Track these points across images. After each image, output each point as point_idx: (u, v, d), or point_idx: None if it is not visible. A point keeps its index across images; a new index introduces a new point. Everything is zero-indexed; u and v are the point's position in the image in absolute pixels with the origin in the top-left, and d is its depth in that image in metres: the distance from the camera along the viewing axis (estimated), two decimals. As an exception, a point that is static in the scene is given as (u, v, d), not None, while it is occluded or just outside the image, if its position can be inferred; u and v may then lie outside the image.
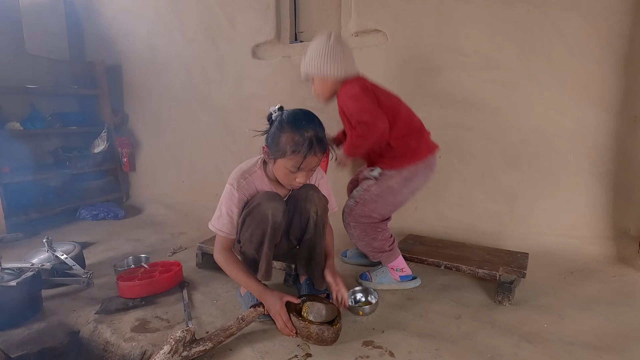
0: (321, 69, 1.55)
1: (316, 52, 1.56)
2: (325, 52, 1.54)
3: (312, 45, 1.58)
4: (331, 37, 1.56)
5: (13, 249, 2.09)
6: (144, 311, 1.40)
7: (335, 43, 1.55)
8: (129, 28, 2.91)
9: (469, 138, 2.00)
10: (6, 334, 1.26)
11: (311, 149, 1.14)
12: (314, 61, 1.56)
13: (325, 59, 1.54)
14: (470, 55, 1.93)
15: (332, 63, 1.55)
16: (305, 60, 1.60)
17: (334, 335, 1.16)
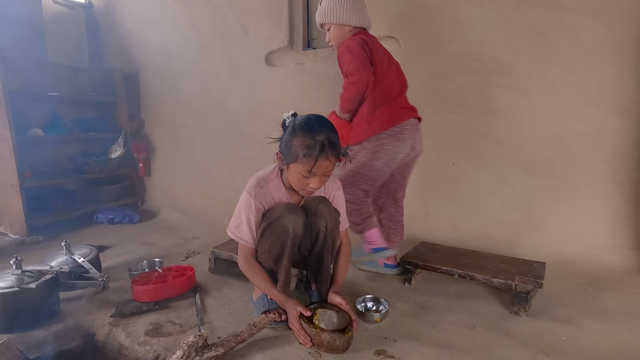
0: (340, 16, 1.58)
1: (335, 0, 1.58)
2: (345, 1, 1.57)
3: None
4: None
5: (33, 251, 2.15)
6: (158, 315, 1.42)
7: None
8: (147, 37, 2.99)
9: (482, 144, 1.97)
10: (25, 335, 1.29)
11: (322, 152, 1.14)
12: (333, 8, 1.59)
13: (345, 6, 1.58)
14: (484, 61, 1.91)
15: (352, 11, 1.58)
16: (323, 7, 1.63)
17: (345, 343, 1.15)
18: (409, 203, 2.19)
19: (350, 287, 1.65)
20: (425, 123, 2.09)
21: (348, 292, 1.58)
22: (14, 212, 2.34)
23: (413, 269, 1.64)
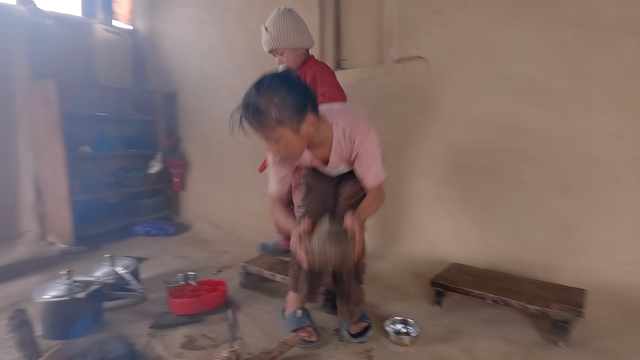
0: (296, 40, 1.70)
1: (285, 25, 1.67)
2: (294, 25, 1.68)
3: (276, 20, 1.73)
4: (290, 11, 1.74)
5: (78, 261, 2.30)
6: (192, 328, 1.47)
7: (297, 16, 1.70)
8: (185, 59, 3.17)
9: (516, 164, 1.93)
10: (72, 342, 1.38)
11: (239, 122, 1.08)
12: (288, 33, 1.68)
13: (298, 30, 1.67)
14: (516, 80, 1.89)
15: (304, 33, 1.70)
16: (275, 33, 1.72)
17: (339, 256, 1.08)
18: (439, 222, 2.18)
19: (378, 307, 1.64)
20: (454, 143, 2.09)
21: (376, 313, 1.58)
22: (63, 224, 2.52)
23: (444, 292, 1.61)
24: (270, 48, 1.80)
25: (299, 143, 1.15)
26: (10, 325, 1.22)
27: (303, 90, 1.11)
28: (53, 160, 2.50)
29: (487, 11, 1.92)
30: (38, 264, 2.24)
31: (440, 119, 2.12)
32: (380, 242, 2.32)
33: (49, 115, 2.44)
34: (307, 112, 1.11)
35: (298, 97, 1.08)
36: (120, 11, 3.41)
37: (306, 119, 1.11)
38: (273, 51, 1.82)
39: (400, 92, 2.23)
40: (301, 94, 1.09)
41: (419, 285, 1.84)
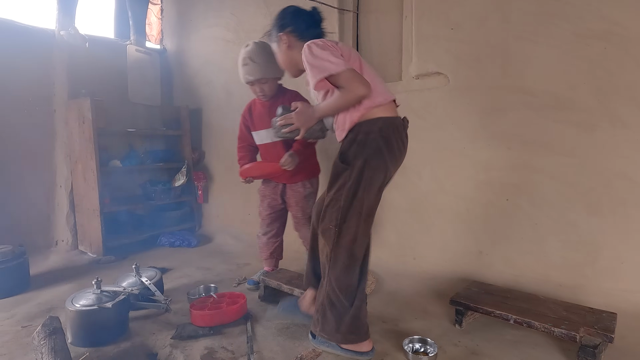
0: (275, 70, 1.83)
1: (270, 56, 1.72)
2: (274, 56, 1.70)
3: (261, 51, 1.86)
4: (265, 43, 1.83)
5: (107, 270, 2.40)
6: (212, 340, 1.51)
7: (270, 47, 1.71)
8: (211, 76, 3.30)
9: (540, 181, 1.88)
10: (100, 350, 1.45)
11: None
12: (273, 64, 1.72)
13: (274, 61, 1.69)
14: (539, 96, 1.86)
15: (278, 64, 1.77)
16: (262, 64, 1.86)
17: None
18: (460, 238, 2.14)
19: (397, 324, 1.62)
20: (475, 158, 2.07)
21: (394, 331, 1.56)
22: (94, 234, 2.64)
23: (464, 311, 1.58)
24: (257, 78, 1.90)
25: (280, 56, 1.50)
26: (44, 332, 1.29)
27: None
28: (86, 174, 2.64)
29: (508, 27, 1.92)
30: (70, 273, 2.36)
31: (460, 134, 2.11)
32: (400, 258, 2.30)
33: (84, 131, 2.60)
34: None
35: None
36: (151, 32, 3.61)
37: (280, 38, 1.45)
38: (257, 81, 1.91)
39: (420, 107, 2.23)
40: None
41: (439, 303, 1.81)
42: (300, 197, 2.08)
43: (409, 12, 2.27)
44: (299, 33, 1.44)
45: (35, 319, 1.71)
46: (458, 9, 2.06)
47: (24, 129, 2.64)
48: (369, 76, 1.31)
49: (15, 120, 2.59)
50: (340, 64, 1.23)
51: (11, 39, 2.56)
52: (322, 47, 1.27)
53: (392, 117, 1.33)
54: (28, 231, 2.64)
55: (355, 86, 1.23)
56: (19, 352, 1.44)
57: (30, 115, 2.67)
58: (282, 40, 1.45)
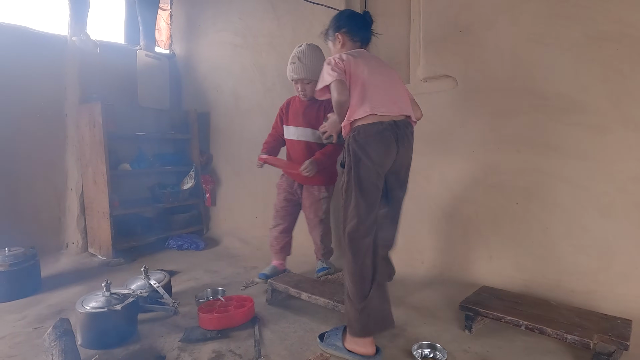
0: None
1: (318, 60, 1.95)
2: (319, 59, 1.95)
3: (310, 53, 2.02)
4: (316, 46, 2.05)
5: (116, 272, 2.42)
6: (220, 344, 1.51)
7: (319, 51, 2.02)
8: (219, 81, 3.33)
9: (550, 184, 1.86)
10: (109, 352, 1.46)
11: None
12: (314, 67, 1.96)
13: (321, 65, 1.74)
14: (550, 98, 1.84)
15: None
16: (309, 65, 2.01)
17: None
18: (469, 243, 2.12)
19: (405, 329, 1.61)
20: (485, 162, 2.05)
21: (403, 336, 1.55)
22: (103, 237, 2.67)
23: (474, 316, 1.56)
24: (301, 77, 2.03)
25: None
26: (54, 334, 1.30)
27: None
28: (96, 177, 2.68)
29: (517, 30, 1.90)
30: (80, 275, 2.38)
31: (469, 137, 2.09)
32: (408, 262, 2.28)
33: (95, 135, 2.64)
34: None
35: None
36: (160, 38, 3.66)
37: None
38: (301, 80, 2.06)
39: (428, 110, 2.20)
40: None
41: (448, 308, 1.79)
42: (315, 200, 2.19)
43: (417, 15, 2.27)
44: (352, 34, 1.68)
45: (46, 321, 1.73)
46: (466, 12, 2.05)
47: (37, 132, 2.68)
48: (364, 90, 1.47)
49: (27, 124, 2.64)
50: (333, 76, 1.44)
51: (25, 45, 2.62)
52: (327, 63, 1.51)
53: (370, 124, 1.45)
54: (39, 233, 2.67)
55: (336, 93, 1.45)
56: (30, 354, 1.45)
57: (42, 120, 2.71)
58: (337, 39, 1.69)
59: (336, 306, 1.65)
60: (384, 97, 1.51)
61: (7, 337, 1.59)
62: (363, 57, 1.57)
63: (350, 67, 1.51)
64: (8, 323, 1.72)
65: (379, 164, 1.45)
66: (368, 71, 1.51)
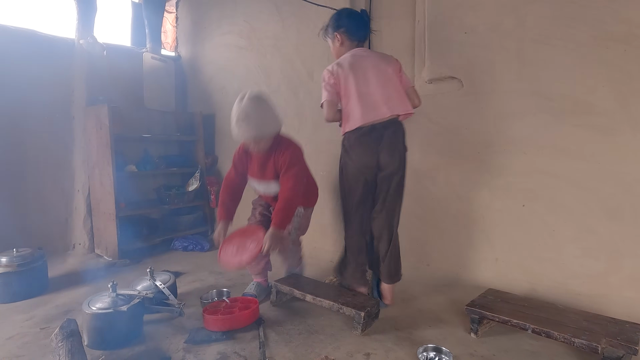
0: (272, 127, 1.74)
1: (262, 113, 1.69)
2: (273, 111, 1.74)
3: (257, 109, 1.68)
4: (259, 96, 1.74)
5: (122, 273, 2.43)
6: (225, 345, 1.51)
7: (269, 100, 1.77)
8: (224, 83, 3.35)
9: (557, 186, 1.84)
10: (115, 353, 1.47)
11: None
12: (264, 123, 1.69)
13: (275, 117, 1.74)
14: (556, 100, 1.82)
15: (278, 117, 1.78)
16: (251, 126, 1.67)
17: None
18: (475, 245, 2.11)
19: (411, 332, 1.60)
20: (491, 163, 2.04)
21: (408, 339, 1.54)
22: (109, 238, 2.69)
23: (480, 319, 1.55)
24: (253, 136, 1.70)
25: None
26: (61, 334, 1.31)
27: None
28: (103, 179, 2.70)
29: (523, 31, 1.89)
30: (87, 276, 2.40)
31: (474, 139, 2.08)
32: (413, 265, 2.27)
33: (101, 137, 2.66)
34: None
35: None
36: (166, 40, 3.69)
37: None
38: (252, 138, 1.72)
39: (433, 112, 2.22)
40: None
41: (454, 311, 1.78)
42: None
43: (422, 17, 2.27)
44: (350, 34, 1.78)
45: (53, 321, 1.75)
46: (472, 14, 2.04)
47: (44, 135, 2.72)
48: (353, 102, 1.71)
49: (35, 126, 2.67)
50: (324, 97, 1.75)
51: (33, 48, 2.65)
52: (322, 79, 1.76)
53: (355, 129, 1.70)
54: (47, 234, 2.70)
55: (325, 113, 1.79)
56: (38, 354, 1.47)
57: (50, 122, 2.74)
58: (336, 38, 1.78)
59: (341, 308, 1.65)
60: (373, 103, 1.69)
61: (16, 337, 1.61)
62: (355, 66, 1.70)
63: (340, 80, 1.71)
64: (16, 323, 1.74)
65: (362, 164, 1.71)
66: (357, 83, 1.69)
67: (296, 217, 1.95)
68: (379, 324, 1.67)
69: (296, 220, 1.97)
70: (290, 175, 1.76)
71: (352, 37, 1.79)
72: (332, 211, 2.70)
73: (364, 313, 1.57)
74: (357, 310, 1.59)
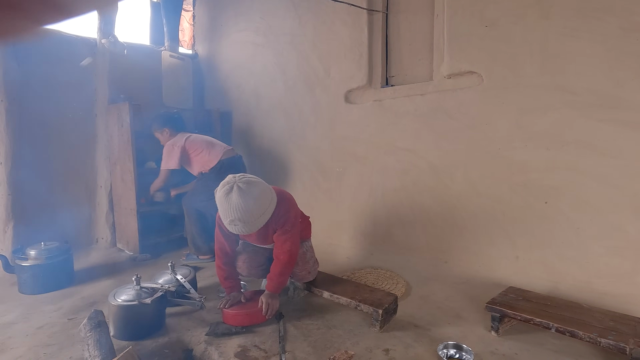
0: (271, 208, 1.58)
1: (260, 203, 1.52)
2: (263, 194, 1.55)
3: (248, 205, 1.48)
4: (248, 187, 1.50)
5: (143, 267, 2.50)
6: (245, 338, 1.53)
7: (255, 184, 1.54)
8: (240, 80, 3.38)
9: (582, 183, 1.79)
10: (140, 343, 1.51)
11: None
12: (264, 210, 1.54)
13: (268, 203, 1.56)
14: (581, 94, 1.77)
15: (270, 201, 1.58)
16: (251, 221, 1.51)
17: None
18: (495, 242, 2.08)
19: (430, 329, 1.59)
20: (511, 160, 2.00)
21: (427, 335, 1.53)
22: (131, 233, 2.76)
23: (501, 317, 1.53)
24: (252, 232, 1.60)
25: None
26: (89, 325, 1.36)
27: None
28: (124, 175, 2.76)
29: (547, 23, 1.84)
30: (109, 269, 2.48)
31: (495, 135, 2.05)
32: (430, 262, 2.26)
33: (123, 134, 2.72)
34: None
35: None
36: (184, 38, 3.74)
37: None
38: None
39: (452, 107, 2.19)
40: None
41: (473, 308, 1.76)
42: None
43: (441, 11, 2.23)
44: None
45: (80, 312, 1.81)
46: (493, 6, 2.00)
47: (69, 133, 2.80)
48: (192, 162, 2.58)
49: (61, 124, 2.75)
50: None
51: (58, 48, 2.73)
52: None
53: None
54: (72, 229, 2.79)
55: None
56: (66, 343, 1.52)
57: (74, 120, 2.82)
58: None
59: (358, 305, 1.65)
60: (207, 160, 2.60)
61: (45, 327, 1.67)
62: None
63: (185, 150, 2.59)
64: (45, 313, 1.81)
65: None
66: (195, 148, 2.60)
67: (307, 250, 1.90)
68: (397, 320, 1.67)
69: (308, 253, 1.91)
70: (286, 238, 1.68)
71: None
72: (349, 208, 2.70)
73: (381, 310, 1.57)
74: (375, 308, 1.59)
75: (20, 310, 1.84)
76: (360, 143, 2.62)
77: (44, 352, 1.46)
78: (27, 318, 1.76)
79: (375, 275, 2.20)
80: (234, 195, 1.48)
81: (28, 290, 2.05)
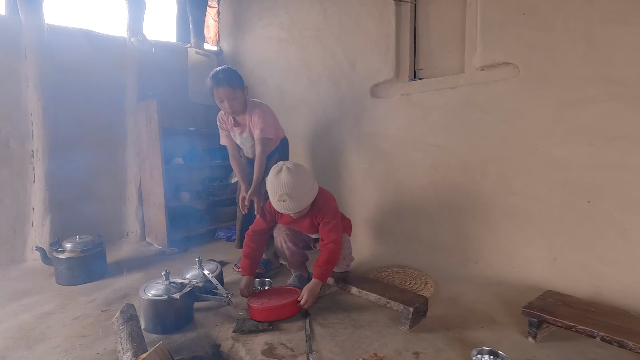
0: (315, 192, 1.79)
1: (306, 185, 1.73)
2: (310, 180, 1.76)
3: (296, 184, 1.68)
4: (298, 166, 1.75)
5: (171, 261, 2.55)
6: (272, 336, 1.53)
7: (300, 167, 1.75)
8: (265, 76, 3.37)
9: (631, 181, 1.66)
10: (169, 337, 1.53)
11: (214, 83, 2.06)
12: (310, 193, 1.75)
13: (312, 183, 1.77)
14: (631, 85, 1.64)
15: (314, 182, 1.80)
16: (300, 199, 1.71)
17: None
18: (530, 243, 1.98)
19: (462, 333, 1.53)
20: (550, 156, 1.89)
21: (459, 339, 1.48)
22: (159, 227, 2.82)
23: (539, 323, 1.44)
24: (298, 212, 1.75)
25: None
26: (122, 318, 1.39)
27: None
28: (152, 170, 2.83)
29: (592, 9, 1.71)
30: (139, 262, 2.54)
31: (532, 129, 1.94)
32: (460, 262, 2.18)
33: (151, 130, 2.78)
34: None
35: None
36: (209, 35, 3.76)
37: None
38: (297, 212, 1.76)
39: (485, 101, 2.09)
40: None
41: (507, 312, 1.68)
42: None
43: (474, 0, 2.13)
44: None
45: (113, 304, 1.86)
46: (532, -8, 1.88)
47: (100, 129, 2.88)
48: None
49: (92, 122, 2.84)
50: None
51: (90, 47, 2.81)
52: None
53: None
54: (104, 223, 2.89)
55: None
56: (100, 334, 1.57)
57: (104, 117, 2.91)
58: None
59: (388, 302, 1.61)
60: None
61: (80, 318, 1.73)
62: None
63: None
64: (80, 304, 1.88)
65: None
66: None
67: (345, 241, 2.00)
68: (426, 322, 1.62)
69: (345, 244, 2.00)
70: (331, 228, 1.81)
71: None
72: (375, 205, 2.65)
73: (412, 309, 1.53)
74: (406, 306, 1.54)
75: (57, 301, 1.92)
76: (386, 138, 2.55)
77: (79, 342, 1.51)
78: (64, 309, 1.83)
79: (402, 274, 2.15)
80: (283, 173, 1.70)
81: (64, 281, 2.13)
